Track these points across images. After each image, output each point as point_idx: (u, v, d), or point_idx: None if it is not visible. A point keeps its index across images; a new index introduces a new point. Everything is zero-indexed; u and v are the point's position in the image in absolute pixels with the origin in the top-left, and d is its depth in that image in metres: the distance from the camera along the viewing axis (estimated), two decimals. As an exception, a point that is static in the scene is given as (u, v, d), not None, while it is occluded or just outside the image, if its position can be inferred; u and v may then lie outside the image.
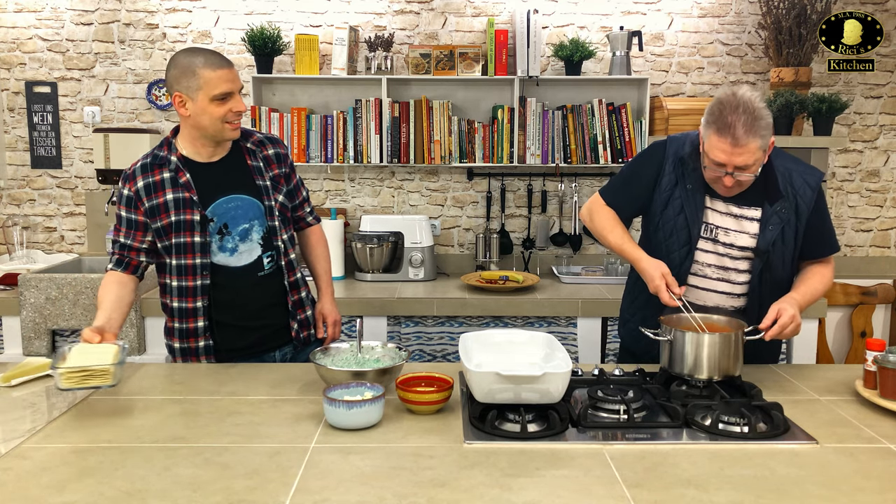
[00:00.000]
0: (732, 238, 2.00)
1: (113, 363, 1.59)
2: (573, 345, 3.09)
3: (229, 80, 1.94)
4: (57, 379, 1.56)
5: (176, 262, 2.02)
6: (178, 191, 1.98)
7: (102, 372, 1.58)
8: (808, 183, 1.99)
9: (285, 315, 2.14)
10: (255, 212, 2.05)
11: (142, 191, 1.99)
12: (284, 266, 2.11)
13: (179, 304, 2.05)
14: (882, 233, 3.79)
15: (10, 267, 3.35)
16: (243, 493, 1.29)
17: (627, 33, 3.42)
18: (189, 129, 1.99)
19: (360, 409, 1.55)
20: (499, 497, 1.29)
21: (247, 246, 2.05)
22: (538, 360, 1.77)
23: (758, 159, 1.86)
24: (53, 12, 3.58)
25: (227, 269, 2.04)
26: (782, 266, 2.01)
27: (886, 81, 3.68)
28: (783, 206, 1.97)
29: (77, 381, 1.55)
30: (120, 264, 2.04)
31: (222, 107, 1.93)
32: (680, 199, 2.02)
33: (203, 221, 1.99)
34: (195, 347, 2.07)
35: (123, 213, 2.02)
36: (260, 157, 2.09)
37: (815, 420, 1.66)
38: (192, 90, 1.91)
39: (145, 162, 2.02)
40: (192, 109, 1.93)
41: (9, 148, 3.69)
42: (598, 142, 3.48)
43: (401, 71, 3.62)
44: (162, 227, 1.99)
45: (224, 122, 1.95)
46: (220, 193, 2.01)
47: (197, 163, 2.02)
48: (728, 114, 1.80)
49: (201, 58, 1.93)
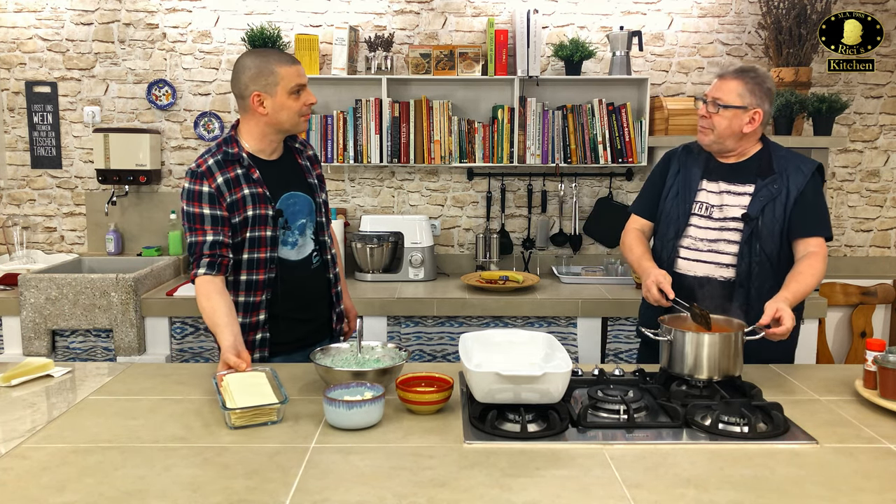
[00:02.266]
0: (726, 212, 2.14)
1: (280, 400, 1.62)
2: (573, 345, 3.09)
3: (301, 75, 2.03)
4: (228, 418, 1.58)
5: (248, 257, 2.04)
6: (252, 186, 2.02)
7: (270, 410, 1.61)
8: (802, 169, 2.13)
9: (328, 308, 2.23)
10: (308, 207, 2.14)
11: (222, 186, 1.99)
12: (329, 260, 2.21)
13: (246, 299, 2.06)
14: (882, 233, 3.79)
15: (10, 267, 3.35)
16: (243, 493, 1.29)
17: (627, 33, 3.42)
18: (262, 128, 2.04)
19: (360, 409, 1.55)
20: (499, 497, 1.29)
21: (303, 240, 2.13)
22: (538, 360, 1.77)
23: (731, 101, 2.08)
24: (53, 12, 3.58)
25: (287, 262, 2.09)
26: (770, 237, 2.10)
27: (886, 81, 3.68)
28: (775, 182, 2.11)
29: (248, 420, 1.59)
30: (213, 267, 1.96)
31: (298, 100, 2.01)
32: (677, 185, 2.23)
33: (275, 216, 2.05)
34: (252, 340, 2.07)
35: (207, 211, 1.97)
36: (305, 157, 2.19)
37: (815, 420, 1.66)
38: (270, 87, 1.98)
39: (217, 159, 2.01)
40: (270, 106, 2.00)
41: (9, 148, 3.69)
42: (598, 142, 3.48)
43: (401, 71, 3.62)
44: (239, 222, 2.01)
45: (300, 116, 2.04)
46: (283, 189, 2.08)
47: (262, 160, 2.08)
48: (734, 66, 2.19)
49: (273, 56, 2.01)
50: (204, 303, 1.94)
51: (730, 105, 2.08)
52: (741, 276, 2.11)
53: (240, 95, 2.02)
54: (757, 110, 2.09)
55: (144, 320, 3.05)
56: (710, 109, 2.10)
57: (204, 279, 1.95)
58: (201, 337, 3.08)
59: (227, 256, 1.99)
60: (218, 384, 1.70)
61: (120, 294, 2.98)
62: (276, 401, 1.62)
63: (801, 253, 2.08)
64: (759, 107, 2.09)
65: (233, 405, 1.59)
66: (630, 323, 3.09)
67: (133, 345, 3.00)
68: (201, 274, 1.95)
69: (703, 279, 2.14)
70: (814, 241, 2.08)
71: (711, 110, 2.10)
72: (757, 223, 2.09)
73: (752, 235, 2.09)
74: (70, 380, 1.93)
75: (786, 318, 1.83)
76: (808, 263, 2.04)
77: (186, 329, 3.07)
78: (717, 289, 2.10)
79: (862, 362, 1.81)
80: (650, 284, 2.04)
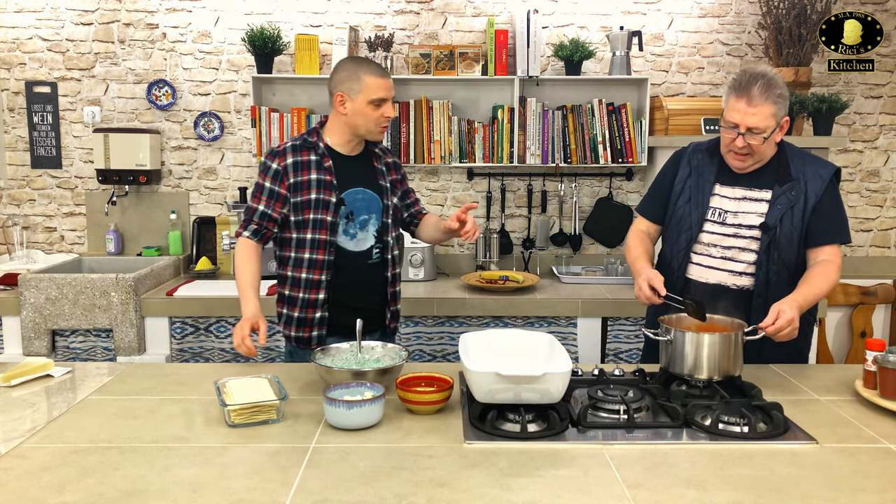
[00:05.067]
0: (741, 219, 2.09)
1: (279, 398, 1.63)
2: (573, 345, 3.09)
3: (387, 89, 2.17)
4: (227, 416, 1.60)
5: (310, 237, 2.20)
6: (321, 173, 2.20)
7: (269, 407, 1.62)
8: (820, 174, 2.07)
9: (383, 303, 2.33)
10: (375, 206, 2.27)
11: (290, 167, 2.19)
12: (390, 260, 2.32)
13: (307, 276, 2.22)
14: (882, 233, 3.79)
15: (10, 267, 3.35)
16: (243, 493, 1.29)
17: (627, 33, 3.42)
18: (341, 126, 2.21)
19: (360, 409, 1.55)
20: (499, 497, 1.29)
21: (363, 234, 2.25)
22: (538, 360, 1.77)
23: (769, 126, 1.97)
24: (53, 12, 3.58)
25: (345, 250, 2.23)
26: (789, 245, 2.05)
27: (886, 81, 3.68)
28: (793, 189, 2.05)
29: (247, 417, 1.60)
30: (256, 234, 2.21)
31: (377, 111, 2.16)
32: (690, 189, 2.16)
33: (338, 203, 2.20)
34: (311, 318, 2.23)
35: (267, 184, 2.19)
36: (383, 162, 2.34)
37: (815, 420, 1.66)
38: (353, 92, 2.15)
39: (295, 143, 2.23)
40: (349, 109, 2.16)
41: (9, 148, 3.69)
42: (598, 142, 3.48)
43: (401, 71, 3.62)
44: (301, 202, 2.19)
45: (376, 125, 2.18)
46: (352, 184, 2.23)
47: (339, 153, 2.24)
48: (747, 78, 1.98)
49: (366, 66, 2.18)
50: (238, 260, 2.21)
51: (769, 130, 1.98)
52: (759, 285, 2.06)
53: (329, 92, 2.21)
54: (785, 118, 2.02)
55: (144, 320, 3.05)
56: (753, 141, 1.98)
57: (245, 241, 2.21)
58: (201, 337, 3.08)
59: (272, 230, 2.22)
60: (220, 389, 1.70)
61: (120, 294, 2.98)
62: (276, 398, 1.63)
63: (813, 260, 2.06)
64: (786, 115, 2.02)
65: (232, 403, 1.60)
66: (630, 323, 3.09)
67: (133, 345, 3.00)
68: (245, 236, 2.21)
69: (715, 287, 2.09)
70: (829, 248, 2.05)
71: (754, 142, 1.98)
72: (776, 232, 2.03)
73: (770, 244, 2.04)
74: (70, 380, 1.93)
75: (783, 319, 1.82)
76: (821, 270, 2.01)
77: (186, 329, 3.07)
78: (731, 298, 2.04)
79: (862, 362, 1.81)
80: (641, 283, 2.02)
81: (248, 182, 3.69)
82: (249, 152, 3.68)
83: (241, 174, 3.70)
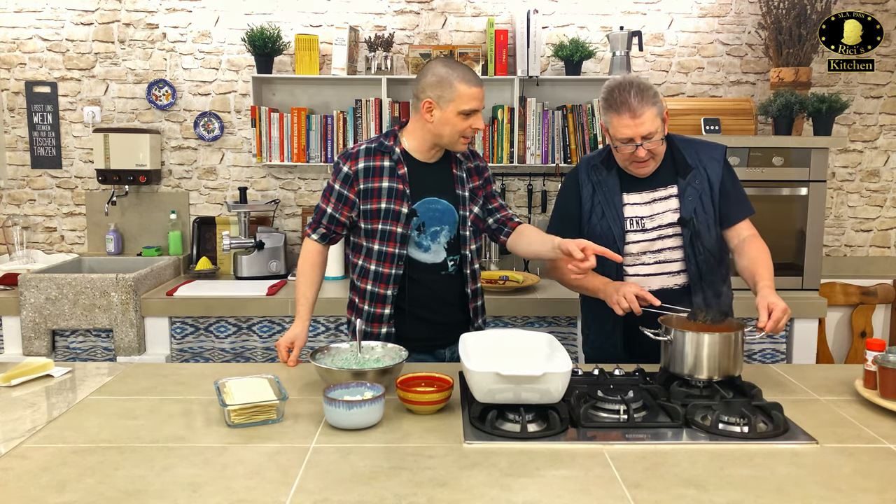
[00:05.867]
0: (658, 220, 2.12)
1: (279, 398, 1.63)
2: (573, 345, 3.09)
3: (479, 99, 2.03)
4: (227, 416, 1.59)
5: (378, 248, 2.10)
6: (394, 181, 2.08)
7: (269, 407, 1.61)
8: (714, 157, 2.13)
9: (460, 315, 2.21)
10: (449, 217, 2.14)
11: (361, 172, 2.08)
12: (469, 274, 2.18)
13: (373, 288, 2.13)
14: (882, 233, 3.79)
15: (10, 267, 3.35)
16: (243, 493, 1.29)
17: (627, 33, 3.42)
18: (424, 132, 2.08)
19: (360, 409, 1.55)
20: (499, 497, 1.29)
21: (436, 246, 2.14)
22: (538, 360, 1.77)
23: (658, 126, 2.01)
24: (53, 12, 3.58)
25: (416, 262, 2.13)
26: (707, 232, 2.11)
27: (886, 81, 3.68)
28: (696, 177, 2.11)
29: (247, 417, 1.60)
30: (324, 238, 2.16)
31: (465, 122, 2.02)
32: (600, 205, 2.15)
33: (409, 214, 2.08)
34: (377, 333, 2.14)
35: (337, 187, 2.11)
36: (464, 168, 2.18)
37: (815, 420, 1.66)
38: (443, 100, 2.00)
39: (370, 146, 2.12)
40: (437, 117, 2.02)
41: (9, 148, 3.69)
42: (598, 142, 3.48)
43: (401, 71, 3.62)
44: (371, 211, 2.09)
45: (461, 136, 2.05)
46: (426, 193, 2.11)
47: (415, 160, 2.12)
48: (618, 93, 1.99)
49: (460, 72, 2.01)
50: (300, 266, 2.16)
51: (659, 130, 2.01)
52: (693, 279, 2.10)
53: (415, 95, 2.07)
54: (665, 110, 2.06)
55: (144, 320, 3.05)
56: (651, 146, 2.01)
57: (311, 244, 2.17)
58: (201, 337, 3.08)
59: (340, 233, 2.16)
60: (220, 389, 1.70)
61: (120, 294, 2.98)
62: (276, 398, 1.63)
63: (735, 239, 2.12)
64: (664, 107, 2.05)
65: (232, 403, 1.60)
66: (630, 323, 3.08)
67: (133, 345, 3.00)
68: (312, 239, 2.16)
69: (658, 292, 2.04)
70: (743, 224, 2.13)
71: (652, 146, 2.01)
72: (693, 223, 2.08)
73: (692, 237, 2.09)
74: (70, 380, 1.93)
75: (778, 310, 1.82)
76: (756, 246, 2.07)
77: (186, 329, 3.07)
78: (674, 298, 2.03)
79: (862, 362, 1.81)
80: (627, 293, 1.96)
81: (247, 182, 3.69)
82: (249, 152, 3.68)
83: (241, 174, 3.70)
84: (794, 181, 3.16)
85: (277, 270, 3.48)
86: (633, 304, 1.96)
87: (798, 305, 3.06)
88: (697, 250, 2.09)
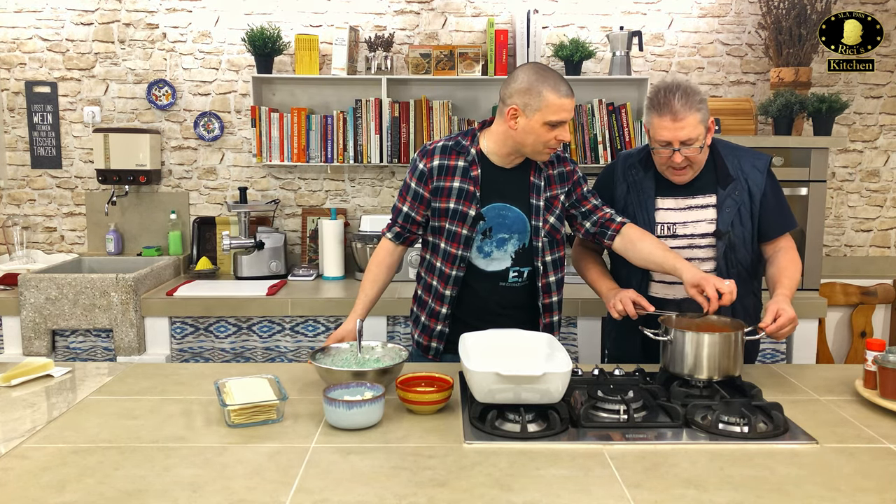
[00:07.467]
0: (691, 228, 2.07)
1: (279, 398, 1.63)
2: (573, 345, 3.09)
3: (568, 110, 1.95)
4: (227, 416, 1.59)
5: (444, 246, 2.08)
6: (465, 182, 2.04)
7: (269, 407, 1.61)
8: (757, 167, 2.07)
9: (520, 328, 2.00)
10: (519, 227, 2.06)
11: (435, 169, 2.06)
12: (541, 287, 2.10)
13: (436, 284, 2.12)
14: (882, 233, 3.79)
15: (10, 267, 3.35)
16: (243, 493, 1.29)
17: (627, 33, 3.42)
18: (505, 138, 2.01)
19: (360, 409, 1.55)
20: (499, 497, 1.29)
21: (500, 254, 2.07)
22: (538, 360, 1.77)
23: (700, 134, 1.94)
24: (53, 12, 3.58)
25: (476, 268, 2.08)
26: (743, 246, 2.06)
27: (886, 81, 3.68)
28: (736, 189, 2.04)
29: (247, 417, 1.60)
30: (398, 237, 2.15)
31: (550, 132, 1.94)
32: (632, 206, 2.11)
33: (477, 218, 2.04)
34: (432, 329, 2.14)
35: (412, 185, 2.09)
36: (543, 175, 2.08)
37: (815, 420, 1.66)
38: (530, 109, 1.93)
39: (447, 144, 2.09)
40: (521, 125, 1.95)
41: (9, 148, 3.69)
42: (598, 142, 3.48)
43: (401, 71, 3.62)
44: (439, 209, 2.07)
45: (545, 147, 1.97)
46: (497, 198, 2.05)
47: (491, 163, 2.06)
48: (663, 94, 1.94)
49: (551, 81, 1.93)
50: (371, 261, 2.18)
51: (701, 138, 1.95)
52: None
53: (501, 100, 2.01)
54: (711, 120, 1.99)
55: (144, 320, 3.05)
56: (689, 153, 1.96)
57: (384, 241, 2.18)
58: (201, 337, 3.08)
59: (416, 233, 2.14)
60: (220, 389, 1.70)
61: (120, 294, 2.98)
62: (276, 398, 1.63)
63: (772, 251, 2.08)
64: (710, 117, 1.98)
65: (232, 403, 1.60)
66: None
67: (133, 345, 3.00)
68: (387, 237, 2.17)
69: (683, 301, 2.05)
70: (782, 238, 2.09)
71: (691, 153, 1.96)
72: (729, 237, 2.04)
73: (727, 249, 2.04)
74: (70, 380, 1.93)
75: (785, 317, 1.83)
76: (788, 258, 2.04)
77: (186, 329, 3.07)
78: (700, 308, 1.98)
79: (862, 362, 1.81)
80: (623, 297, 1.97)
81: (247, 182, 3.69)
82: (249, 152, 3.68)
83: (241, 174, 3.70)
84: (795, 181, 3.16)
85: (277, 270, 3.48)
86: (627, 307, 1.96)
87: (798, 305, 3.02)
88: (731, 263, 2.05)
